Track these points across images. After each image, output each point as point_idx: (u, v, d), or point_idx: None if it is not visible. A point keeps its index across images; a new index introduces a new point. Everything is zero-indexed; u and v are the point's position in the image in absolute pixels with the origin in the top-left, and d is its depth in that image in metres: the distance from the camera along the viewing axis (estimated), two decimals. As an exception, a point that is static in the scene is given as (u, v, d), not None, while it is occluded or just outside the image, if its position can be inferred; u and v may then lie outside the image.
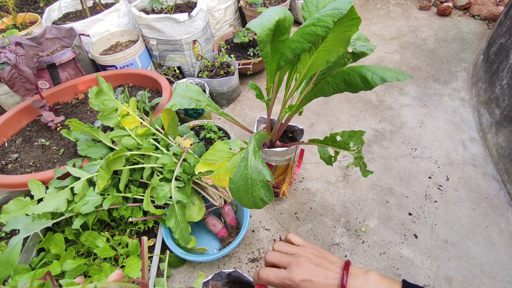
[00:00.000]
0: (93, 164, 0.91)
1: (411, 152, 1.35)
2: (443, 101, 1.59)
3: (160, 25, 1.52)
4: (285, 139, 1.08)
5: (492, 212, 1.11)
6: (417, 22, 2.25)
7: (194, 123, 1.32)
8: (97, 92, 0.94)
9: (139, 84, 1.44)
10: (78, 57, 1.42)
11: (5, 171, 1.06)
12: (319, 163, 1.32)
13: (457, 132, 1.42)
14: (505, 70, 1.32)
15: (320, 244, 1.06)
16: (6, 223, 0.77)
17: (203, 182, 0.96)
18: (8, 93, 1.42)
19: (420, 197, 1.18)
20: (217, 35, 1.98)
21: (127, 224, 0.99)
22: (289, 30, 0.69)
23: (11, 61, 1.01)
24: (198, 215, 0.95)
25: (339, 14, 0.55)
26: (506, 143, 1.20)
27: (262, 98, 0.85)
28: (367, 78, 0.69)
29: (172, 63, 1.72)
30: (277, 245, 0.54)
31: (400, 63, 1.88)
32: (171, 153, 0.92)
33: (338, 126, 1.51)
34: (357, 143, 0.78)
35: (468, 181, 1.22)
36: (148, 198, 0.87)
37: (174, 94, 0.85)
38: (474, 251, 1.01)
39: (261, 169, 0.63)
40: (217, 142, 0.73)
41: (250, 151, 0.65)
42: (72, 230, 0.88)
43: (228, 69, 1.59)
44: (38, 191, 0.86)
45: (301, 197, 1.21)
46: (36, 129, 1.23)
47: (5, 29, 1.68)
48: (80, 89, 1.38)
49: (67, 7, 1.84)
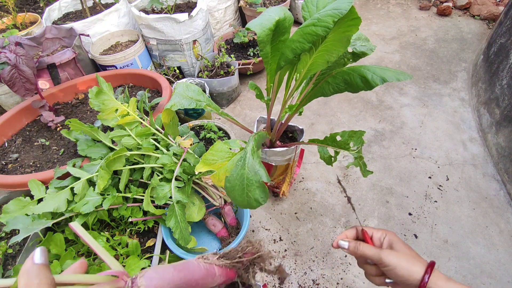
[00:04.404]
0: (93, 164, 0.91)
1: (411, 152, 1.35)
2: (443, 101, 1.59)
3: (160, 25, 1.52)
4: (285, 139, 1.08)
5: (492, 212, 1.11)
6: (417, 22, 2.25)
7: (194, 123, 1.32)
8: (97, 92, 0.94)
9: (139, 84, 1.44)
10: (78, 57, 1.42)
11: (5, 171, 1.05)
12: (319, 163, 1.32)
13: (457, 132, 1.42)
14: (505, 70, 1.32)
15: (320, 244, 1.06)
16: (6, 223, 0.77)
17: (203, 182, 0.96)
18: (8, 93, 1.42)
19: (420, 197, 1.18)
20: (217, 35, 1.98)
21: (127, 224, 0.99)
22: (289, 30, 0.69)
23: (11, 61, 1.01)
24: (198, 215, 0.95)
25: (339, 14, 0.55)
26: (506, 143, 1.20)
27: (262, 98, 0.85)
28: (367, 78, 0.69)
29: (172, 63, 1.72)
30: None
31: (400, 63, 1.88)
32: (171, 153, 0.92)
33: (338, 126, 1.51)
34: (357, 143, 0.78)
35: (468, 181, 1.22)
36: (148, 198, 0.87)
37: (174, 94, 0.85)
38: (474, 251, 1.01)
39: (258, 169, 0.62)
40: (217, 142, 0.73)
41: (248, 151, 0.65)
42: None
43: (228, 69, 1.59)
44: (38, 191, 0.86)
45: (301, 197, 1.21)
46: (36, 129, 1.23)
47: (5, 29, 1.67)
48: (80, 89, 1.38)
49: (67, 7, 1.84)
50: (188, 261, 0.39)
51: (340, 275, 0.98)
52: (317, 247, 1.06)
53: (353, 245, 0.53)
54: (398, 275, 0.47)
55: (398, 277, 0.47)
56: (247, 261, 0.41)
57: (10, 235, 0.96)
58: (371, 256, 0.50)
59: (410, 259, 0.47)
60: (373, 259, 0.50)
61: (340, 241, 0.54)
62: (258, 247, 0.42)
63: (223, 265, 0.40)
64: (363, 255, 0.51)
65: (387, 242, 0.52)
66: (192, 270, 0.38)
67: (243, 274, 0.41)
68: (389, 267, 0.47)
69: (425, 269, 0.45)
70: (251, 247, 0.41)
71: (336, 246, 0.55)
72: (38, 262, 0.28)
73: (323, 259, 1.02)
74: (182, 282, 0.37)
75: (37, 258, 0.29)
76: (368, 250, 0.50)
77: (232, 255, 0.41)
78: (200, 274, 0.38)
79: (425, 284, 0.44)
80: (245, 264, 0.41)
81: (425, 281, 0.44)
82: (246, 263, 0.41)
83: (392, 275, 0.48)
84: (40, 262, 0.28)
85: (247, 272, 0.42)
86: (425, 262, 0.47)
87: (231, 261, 0.40)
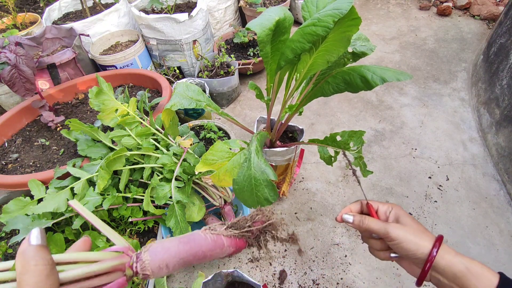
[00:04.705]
0: (93, 164, 0.91)
1: (411, 152, 1.35)
2: (443, 101, 1.59)
3: (160, 25, 1.52)
4: (285, 139, 1.08)
5: (492, 212, 1.11)
6: (417, 22, 2.25)
7: (194, 123, 1.32)
8: (97, 92, 0.94)
9: (139, 84, 1.44)
10: (78, 57, 1.42)
11: (5, 171, 1.05)
12: (319, 163, 1.32)
13: (457, 132, 1.42)
14: (505, 70, 1.32)
15: (320, 244, 1.06)
16: (6, 223, 0.77)
17: (203, 182, 0.96)
18: (8, 93, 1.42)
19: (420, 197, 1.18)
20: (217, 35, 1.98)
21: (127, 224, 0.99)
22: (289, 30, 0.69)
23: (11, 61, 1.01)
24: (198, 215, 0.95)
25: (340, 14, 0.55)
26: (506, 143, 1.20)
27: (262, 98, 0.85)
28: (367, 78, 0.69)
29: (172, 63, 1.72)
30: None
31: (400, 63, 1.88)
32: (171, 153, 0.92)
33: (338, 126, 1.51)
34: (357, 143, 0.78)
35: (468, 181, 1.22)
36: (148, 198, 0.87)
37: (174, 94, 0.85)
38: (474, 251, 1.01)
39: (265, 168, 0.63)
40: (217, 142, 0.73)
41: (252, 151, 0.65)
42: (72, 230, 0.88)
43: (228, 69, 1.59)
44: (38, 191, 0.86)
45: (301, 197, 1.21)
46: (36, 129, 1.23)
47: (5, 29, 1.67)
48: (80, 89, 1.38)
49: (67, 7, 1.84)
50: (194, 233, 0.38)
51: (340, 275, 0.98)
52: (317, 247, 1.06)
53: (358, 219, 0.51)
54: (405, 249, 0.45)
55: (405, 251, 0.46)
56: (257, 230, 0.39)
57: (10, 235, 0.96)
58: (377, 230, 0.48)
59: (418, 233, 0.46)
60: (379, 233, 0.48)
61: (344, 215, 0.53)
62: (269, 215, 0.40)
63: (232, 235, 0.38)
64: (369, 229, 0.50)
65: (393, 216, 0.50)
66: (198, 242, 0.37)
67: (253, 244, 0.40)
68: (396, 241, 0.46)
69: (433, 243, 0.44)
70: (261, 215, 0.40)
71: (340, 220, 0.53)
72: (34, 243, 0.27)
73: (323, 259, 1.02)
74: (189, 254, 0.36)
75: (33, 239, 0.27)
76: (374, 224, 0.49)
77: (241, 225, 0.39)
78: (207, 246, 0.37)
79: (433, 258, 0.43)
80: (255, 233, 0.39)
81: (433, 255, 0.43)
82: (256, 232, 0.39)
83: (398, 249, 0.46)
84: (36, 243, 0.27)
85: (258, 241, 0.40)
86: (433, 236, 0.46)
87: (240, 231, 0.39)
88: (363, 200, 0.55)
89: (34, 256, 0.26)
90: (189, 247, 0.36)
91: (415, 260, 0.46)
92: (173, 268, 0.36)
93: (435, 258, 0.43)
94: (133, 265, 0.34)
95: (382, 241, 0.51)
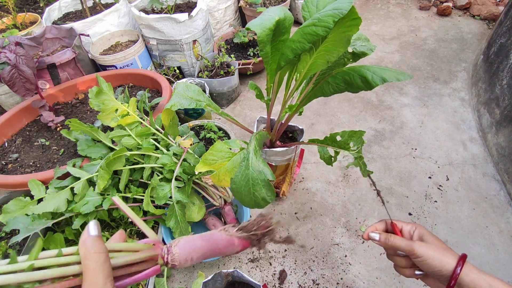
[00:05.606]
0: (93, 164, 0.91)
1: (411, 152, 1.35)
2: (443, 101, 1.59)
3: (160, 25, 1.52)
4: (285, 139, 1.08)
5: (492, 212, 1.11)
6: (417, 22, 2.25)
7: (194, 123, 1.32)
8: (97, 92, 0.94)
9: (139, 84, 1.44)
10: (78, 57, 1.42)
11: (5, 171, 1.05)
12: (319, 163, 1.32)
13: (457, 132, 1.42)
14: (505, 70, 1.32)
15: (320, 244, 1.06)
16: (6, 223, 0.77)
17: (203, 182, 0.96)
18: (8, 93, 1.42)
19: (420, 197, 1.18)
20: (217, 35, 1.98)
21: (127, 224, 0.99)
22: (289, 30, 0.69)
23: (11, 61, 1.01)
24: (198, 215, 0.95)
25: (340, 14, 0.55)
26: (506, 143, 1.20)
27: (262, 98, 0.85)
28: (367, 78, 0.69)
29: (172, 63, 1.72)
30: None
31: (400, 63, 1.88)
32: (171, 153, 0.92)
33: (338, 126, 1.51)
34: (357, 143, 0.78)
35: (468, 181, 1.22)
36: (148, 198, 0.87)
37: (174, 94, 0.85)
38: (474, 251, 1.01)
39: (262, 168, 0.63)
40: (217, 142, 0.73)
41: (251, 151, 0.65)
42: (72, 230, 0.88)
43: (228, 69, 1.59)
44: (38, 191, 0.86)
45: (301, 197, 1.21)
46: (36, 129, 1.23)
47: (5, 29, 1.67)
48: (80, 89, 1.38)
49: (67, 7, 1.84)
50: (213, 233, 0.45)
51: (340, 275, 0.98)
52: (317, 247, 1.06)
53: (384, 236, 0.54)
54: (430, 265, 0.47)
55: (430, 268, 0.47)
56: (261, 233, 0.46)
57: (10, 235, 0.96)
58: (403, 248, 0.50)
59: (442, 251, 0.47)
60: (405, 250, 0.50)
61: (371, 233, 0.55)
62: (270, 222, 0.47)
63: (241, 237, 0.45)
64: (395, 247, 0.52)
65: (417, 234, 0.53)
66: (216, 240, 0.44)
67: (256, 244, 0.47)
68: (421, 258, 0.48)
69: (457, 260, 0.46)
70: (264, 222, 0.47)
71: (367, 238, 0.56)
72: (92, 234, 0.32)
73: (323, 259, 1.02)
74: (208, 250, 0.43)
75: (92, 230, 0.33)
76: (400, 241, 0.51)
77: (248, 228, 0.46)
78: (223, 244, 0.44)
79: (457, 275, 0.45)
80: (258, 236, 0.46)
81: (457, 272, 0.45)
82: (259, 235, 0.46)
83: (424, 266, 0.48)
84: (94, 234, 0.32)
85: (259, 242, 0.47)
86: (457, 254, 0.47)
87: (248, 234, 0.45)
88: (388, 220, 0.57)
89: (93, 245, 0.31)
90: (210, 244, 0.43)
91: (440, 277, 0.47)
92: (196, 260, 0.43)
93: (459, 275, 0.45)
94: (165, 257, 0.40)
95: (407, 258, 0.53)
